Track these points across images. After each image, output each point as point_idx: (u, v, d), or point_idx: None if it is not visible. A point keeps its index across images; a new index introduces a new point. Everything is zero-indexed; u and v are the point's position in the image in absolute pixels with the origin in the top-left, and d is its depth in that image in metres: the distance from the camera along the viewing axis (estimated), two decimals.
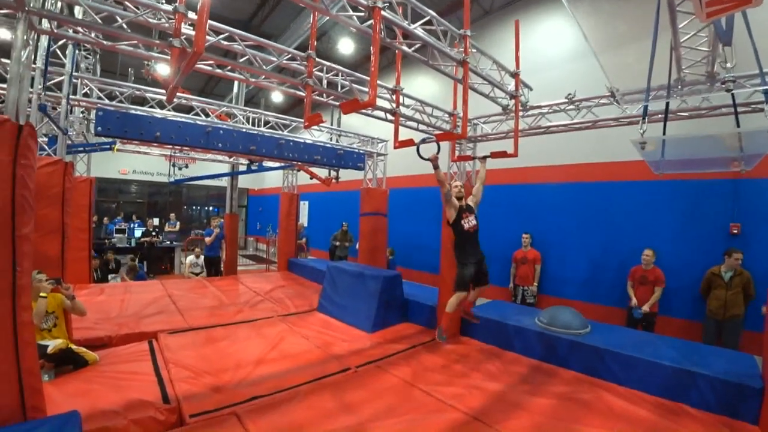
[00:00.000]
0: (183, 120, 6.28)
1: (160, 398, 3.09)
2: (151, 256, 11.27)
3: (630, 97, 4.41)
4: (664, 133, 2.81)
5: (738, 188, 5.56)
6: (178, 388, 3.28)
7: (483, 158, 4.59)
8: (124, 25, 3.01)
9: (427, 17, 3.44)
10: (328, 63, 4.42)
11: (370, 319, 5.20)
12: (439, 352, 4.53)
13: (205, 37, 2.30)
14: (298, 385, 3.48)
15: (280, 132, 7.57)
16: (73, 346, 3.65)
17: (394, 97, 4.56)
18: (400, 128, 4.54)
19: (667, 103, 3.08)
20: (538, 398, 3.43)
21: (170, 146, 7.67)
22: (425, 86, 10.26)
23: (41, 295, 3.46)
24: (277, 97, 15.70)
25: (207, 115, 6.80)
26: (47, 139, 4.99)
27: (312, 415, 3.00)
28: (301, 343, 4.61)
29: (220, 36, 3.50)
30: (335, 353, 4.34)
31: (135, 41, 3.22)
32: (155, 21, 3.02)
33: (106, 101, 5.71)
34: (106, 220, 13.33)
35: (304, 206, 15.29)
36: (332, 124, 11.75)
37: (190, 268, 9.37)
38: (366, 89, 4.61)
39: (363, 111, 4.12)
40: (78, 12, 3.27)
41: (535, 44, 7.91)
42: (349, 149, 8.41)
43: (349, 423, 2.94)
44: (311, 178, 9.99)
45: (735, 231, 5.54)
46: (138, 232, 12.02)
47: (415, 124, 5.32)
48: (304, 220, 14.89)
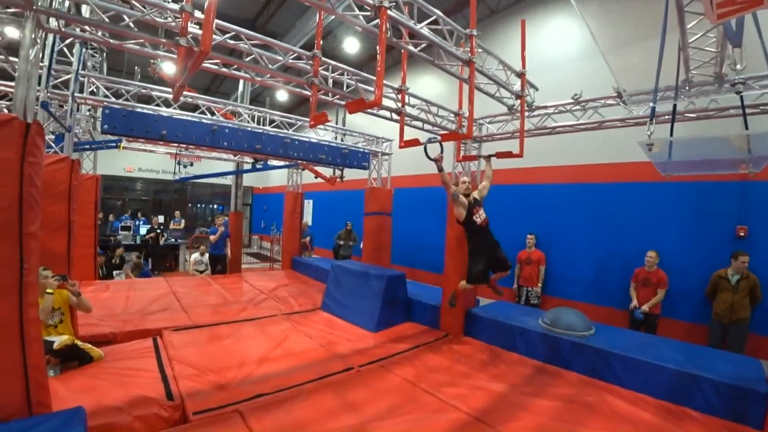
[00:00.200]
0: (189, 118, 6.30)
1: (164, 395, 3.11)
2: (155, 254, 11.33)
3: (637, 97, 4.38)
4: (672, 134, 2.79)
5: (745, 190, 5.51)
6: (182, 385, 3.30)
7: (488, 157, 4.59)
8: (131, 24, 3.02)
9: (434, 17, 3.43)
10: (333, 62, 4.41)
11: (374, 318, 5.20)
12: (443, 352, 4.53)
13: (212, 36, 2.30)
14: (302, 383, 3.48)
15: (285, 131, 7.58)
16: (79, 343, 3.68)
17: (399, 96, 4.55)
18: (406, 128, 4.54)
19: (674, 105, 3.05)
20: (541, 400, 3.42)
21: (176, 144, 7.70)
22: (430, 85, 10.24)
23: (47, 291, 3.49)
24: (282, 95, 15.72)
25: (213, 114, 6.82)
26: (54, 137, 5.03)
27: (315, 414, 3.01)
28: (304, 341, 4.62)
29: (227, 35, 3.51)
30: (338, 352, 4.35)
31: (142, 40, 3.23)
32: (162, 20, 3.04)
33: (113, 99, 5.73)
34: (111, 217, 13.42)
35: (308, 205, 15.31)
36: (337, 123, 11.75)
37: (195, 266, 9.42)
38: (371, 88, 4.61)
39: (368, 110, 4.12)
40: (85, 11, 3.29)
41: (541, 44, 7.87)
42: (354, 148, 8.41)
43: (351, 422, 2.94)
44: (316, 177, 10.00)
45: (742, 234, 5.49)
46: (143, 230, 12.08)
47: (420, 124, 5.31)
48: (308, 218, 14.91)
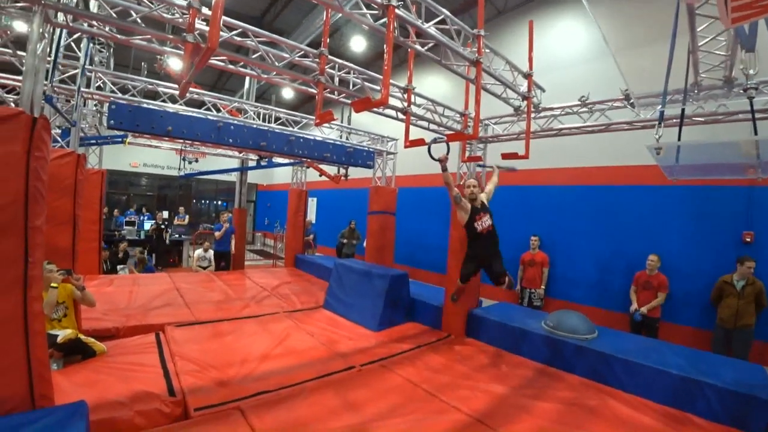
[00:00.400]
0: (194, 115, 6.31)
1: (165, 391, 3.11)
2: (159, 249, 11.38)
3: (645, 100, 4.35)
4: (680, 138, 2.76)
5: (752, 195, 5.46)
6: (184, 381, 3.30)
7: (500, 169, 4.62)
8: (139, 20, 3.03)
9: (441, 16, 3.42)
10: (340, 60, 4.41)
11: (376, 317, 5.20)
12: (444, 352, 4.52)
13: (219, 33, 2.30)
14: (303, 381, 3.48)
15: (291, 128, 7.59)
16: (82, 337, 3.69)
17: (405, 96, 4.54)
18: (411, 127, 4.53)
19: (683, 109, 3.02)
20: (542, 402, 3.40)
21: (181, 140, 7.72)
22: (436, 85, 10.22)
23: (52, 285, 3.51)
24: (288, 93, 15.74)
25: (218, 110, 6.83)
26: (60, 131, 5.05)
27: (316, 413, 3.01)
28: (306, 339, 4.62)
29: (233, 32, 3.52)
30: (340, 351, 4.35)
31: (149, 36, 3.23)
32: (169, 16, 3.04)
33: (119, 95, 5.75)
34: (116, 212, 13.48)
35: (312, 203, 15.33)
36: (343, 122, 11.75)
37: (198, 262, 9.45)
38: (378, 87, 4.60)
39: (374, 109, 4.11)
40: (93, 6, 3.30)
41: (549, 45, 7.84)
42: (359, 147, 8.40)
43: (352, 421, 2.93)
44: (320, 175, 10.01)
45: (748, 239, 5.45)
46: (147, 225, 12.13)
47: (426, 124, 5.30)
48: (312, 216, 14.92)
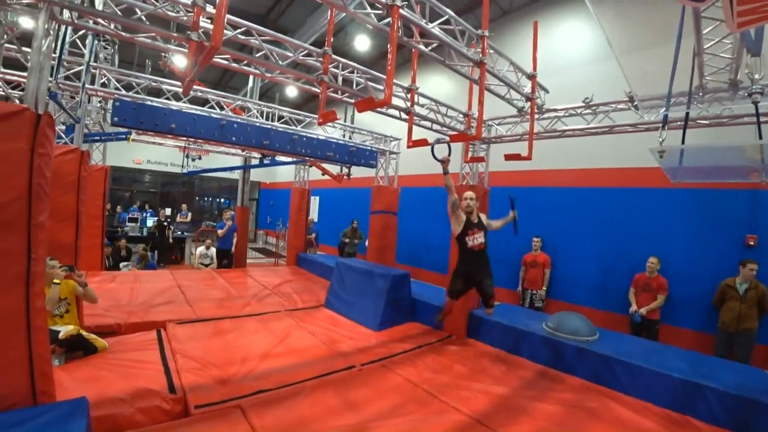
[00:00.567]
0: (198, 113, 6.32)
1: (166, 388, 3.12)
2: (162, 246, 11.40)
3: (648, 103, 4.33)
4: (683, 142, 2.75)
5: (756, 199, 5.44)
6: (185, 378, 3.31)
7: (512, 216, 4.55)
8: (143, 18, 3.03)
9: (445, 17, 3.41)
10: (343, 60, 4.40)
11: (377, 317, 5.20)
12: (445, 353, 4.51)
13: (223, 31, 2.30)
14: (303, 380, 3.49)
15: (294, 127, 7.59)
16: (84, 333, 3.71)
17: (409, 96, 4.54)
18: (414, 127, 4.52)
19: (687, 113, 3.01)
20: (543, 404, 3.40)
21: (184, 138, 7.74)
22: (440, 85, 10.21)
23: (54, 281, 3.52)
24: (292, 91, 15.74)
25: (222, 108, 6.84)
26: (65, 128, 5.06)
27: (316, 412, 3.01)
28: (307, 338, 4.63)
29: (238, 30, 3.52)
30: (341, 350, 4.35)
31: (153, 34, 3.24)
32: (174, 14, 3.04)
33: (123, 92, 5.77)
34: (119, 208, 13.51)
35: (314, 201, 15.34)
36: (346, 121, 11.75)
37: (200, 259, 9.47)
38: (381, 87, 4.60)
39: (377, 109, 4.11)
40: (98, 3, 3.31)
41: (553, 45, 7.81)
42: (361, 146, 8.40)
43: (352, 421, 2.94)
44: (323, 174, 10.01)
45: (752, 243, 5.42)
46: (150, 222, 12.16)
47: (429, 124, 5.30)
48: (314, 215, 14.94)
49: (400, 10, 2.84)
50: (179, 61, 7.98)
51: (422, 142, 3.98)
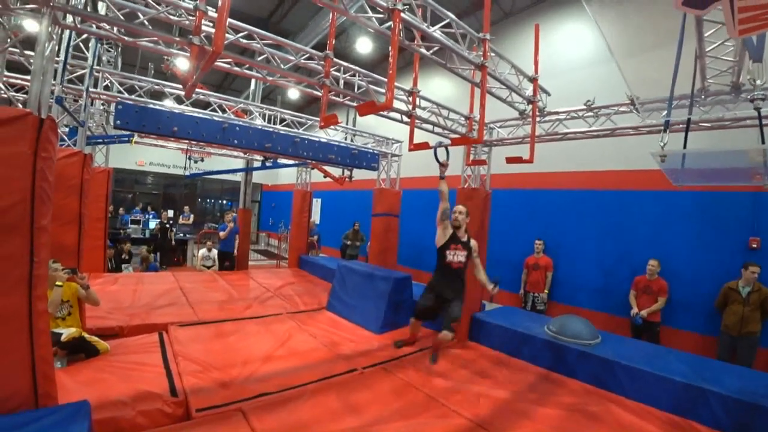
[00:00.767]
0: (200, 116, 6.34)
1: (168, 391, 3.12)
2: (164, 248, 11.43)
3: (650, 105, 4.33)
4: (685, 146, 2.74)
5: (759, 201, 5.42)
6: (186, 381, 3.31)
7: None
8: (146, 22, 3.05)
9: (447, 20, 3.42)
10: (345, 63, 4.41)
11: (379, 320, 5.19)
12: (447, 356, 4.50)
13: (225, 36, 2.31)
14: (305, 384, 3.48)
15: (296, 130, 7.60)
16: (86, 335, 3.72)
17: (410, 99, 4.54)
18: (416, 130, 4.52)
19: (689, 118, 3.00)
20: (545, 408, 3.39)
21: (187, 141, 7.75)
22: (441, 87, 10.22)
23: (57, 284, 3.54)
24: (294, 93, 15.76)
25: (224, 111, 6.86)
26: (67, 130, 5.08)
27: (317, 415, 3.01)
28: (308, 341, 4.63)
29: (239, 34, 3.53)
30: (342, 353, 4.34)
31: (156, 38, 3.25)
32: (176, 18, 3.06)
33: (126, 95, 5.79)
34: (122, 210, 13.54)
35: (316, 203, 15.35)
36: (347, 124, 11.77)
37: (202, 261, 9.48)
38: (382, 90, 4.60)
39: (379, 112, 4.11)
40: (101, 8, 3.32)
41: (555, 48, 7.81)
42: (363, 149, 8.40)
43: (353, 424, 2.93)
44: (325, 177, 10.02)
45: (754, 245, 5.40)
46: (152, 224, 12.19)
47: (430, 127, 5.30)
48: (316, 217, 14.95)
49: (402, 14, 2.84)
50: (182, 63, 8.01)
51: (424, 146, 3.99)
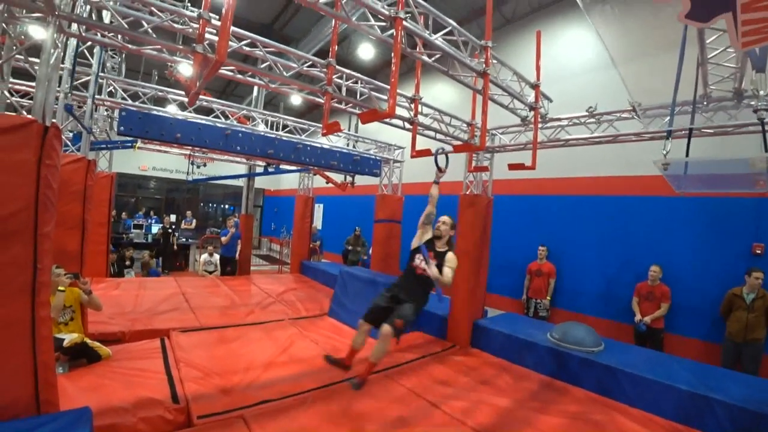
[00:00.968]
0: (203, 122, 6.37)
1: (169, 397, 3.12)
2: (166, 253, 11.45)
3: (652, 112, 4.33)
4: (687, 154, 2.74)
5: (762, 207, 5.40)
6: (188, 388, 3.31)
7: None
8: (150, 30, 3.07)
9: (449, 27, 3.43)
10: (347, 70, 4.43)
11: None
12: (449, 363, 4.49)
13: (228, 45, 2.33)
14: (306, 391, 3.47)
15: (298, 136, 7.62)
16: (88, 341, 3.72)
17: (412, 106, 4.55)
18: (418, 136, 4.53)
19: (690, 129, 2.99)
20: (547, 417, 3.37)
21: (190, 146, 7.78)
22: (443, 93, 10.24)
23: (59, 289, 3.54)
24: (296, 99, 15.80)
25: (227, 118, 6.88)
26: (72, 136, 5.11)
27: (319, 423, 2.99)
28: (310, 347, 4.62)
29: (242, 42, 3.55)
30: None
31: (159, 46, 3.27)
32: (180, 26, 3.08)
33: (130, 101, 5.83)
34: (124, 214, 13.59)
35: (318, 209, 15.37)
36: (349, 130, 11.79)
37: (204, 266, 9.49)
38: (385, 97, 4.62)
39: None
40: (106, 16, 3.35)
41: (556, 54, 7.83)
42: (365, 155, 8.42)
43: None
44: (327, 183, 10.04)
45: (758, 251, 5.38)
46: (155, 229, 12.22)
47: (432, 133, 5.31)
48: (318, 223, 14.96)
49: (404, 22, 2.86)
50: (185, 69, 8.05)
51: (426, 152, 3.99)
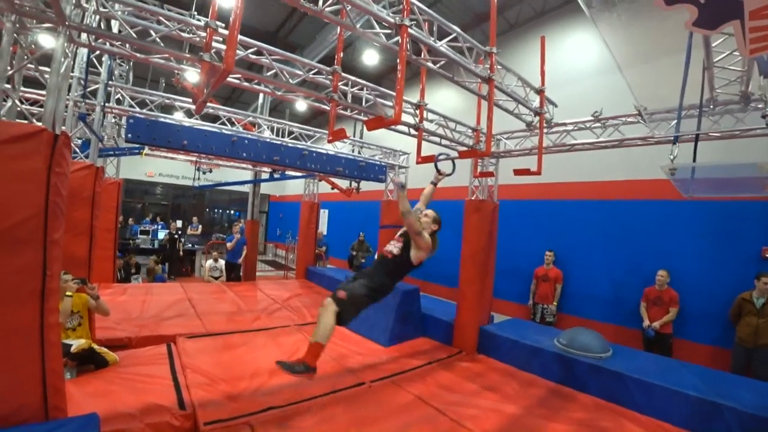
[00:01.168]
0: (209, 129, 6.41)
1: (176, 403, 3.13)
2: (173, 259, 11.50)
3: (659, 116, 4.31)
4: (695, 159, 2.72)
5: None
6: (194, 394, 3.31)
7: None
8: (158, 39, 3.11)
9: (453, 34, 3.45)
10: (353, 77, 4.45)
11: (387, 332, 5.16)
12: (455, 369, 4.47)
13: (235, 54, 2.35)
14: (313, 397, 3.47)
15: (304, 142, 7.66)
16: (96, 346, 3.74)
17: (417, 112, 4.56)
18: (423, 142, 4.53)
19: (697, 135, 2.98)
20: (555, 423, 3.34)
21: (196, 153, 7.83)
22: (448, 98, 10.25)
23: (67, 294, 3.57)
24: (302, 105, 15.86)
25: (233, 124, 6.93)
26: (80, 143, 5.17)
27: (324, 430, 2.99)
28: None
29: (249, 50, 3.59)
30: (350, 366, 4.32)
31: (167, 54, 3.31)
32: (187, 35, 3.12)
33: (137, 109, 5.89)
34: (131, 220, 13.67)
35: (324, 214, 15.38)
36: (355, 136, 11.81)
37: (210, 272, 9.52)
38: (390, 103, 4.63)
39: None
40: (114, 25, 3.40)
41: (561, 58, 7.82)
42: (371, 161, 8.43)
43: None
44: (332, 188, 10.06)
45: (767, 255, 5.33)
46: (161, 234, 12.28)
47: (438, 139, 5.31)
48: (324, 228, 14.97)
49: (409, 29, 2.87)
50: (192, 76, 8.13)
51: (431, 159, 3.99)
